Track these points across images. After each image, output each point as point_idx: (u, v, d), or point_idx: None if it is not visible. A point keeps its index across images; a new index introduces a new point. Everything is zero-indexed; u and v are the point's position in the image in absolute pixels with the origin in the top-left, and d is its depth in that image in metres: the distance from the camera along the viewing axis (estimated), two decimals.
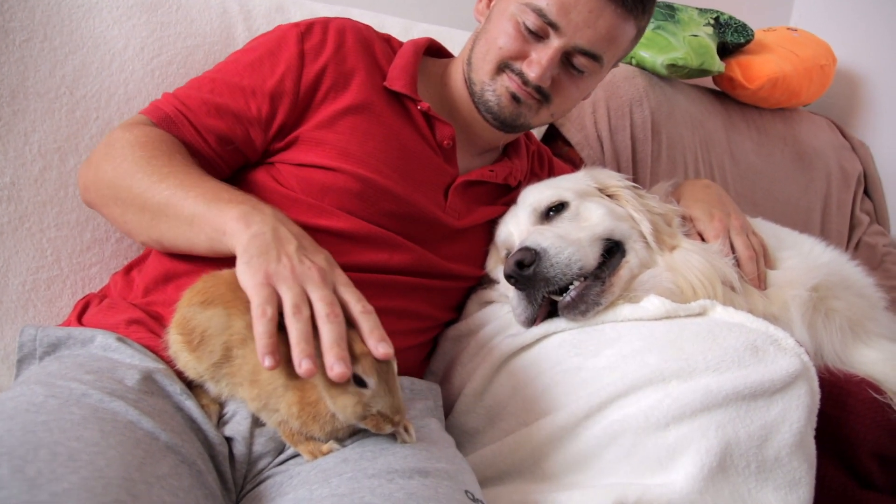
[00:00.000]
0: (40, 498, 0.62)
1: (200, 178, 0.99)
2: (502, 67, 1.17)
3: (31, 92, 1.20)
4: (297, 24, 1.18)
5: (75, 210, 1.22)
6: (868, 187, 2.46)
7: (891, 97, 2.54)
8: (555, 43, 1.13)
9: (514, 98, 1.18)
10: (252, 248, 0.85)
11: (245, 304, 0.81)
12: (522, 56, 1.15)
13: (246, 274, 0.82)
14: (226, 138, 1.10)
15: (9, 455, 0.65)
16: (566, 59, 1.16)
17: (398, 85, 1.18)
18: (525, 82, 1.16)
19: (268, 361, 0.74)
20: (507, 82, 1.17)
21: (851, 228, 2.35)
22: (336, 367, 0.74)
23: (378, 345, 0.79)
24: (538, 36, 1.13)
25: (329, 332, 0.77)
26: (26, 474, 0.64)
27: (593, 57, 1.16)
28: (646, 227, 1.16)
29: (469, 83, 1.22)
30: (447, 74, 1.28)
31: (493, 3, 1.22)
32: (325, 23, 1.20)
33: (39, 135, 1.20)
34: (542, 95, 1.18)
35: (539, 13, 1.11)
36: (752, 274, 1.19)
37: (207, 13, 1.38)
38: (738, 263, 1.20)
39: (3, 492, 0.61)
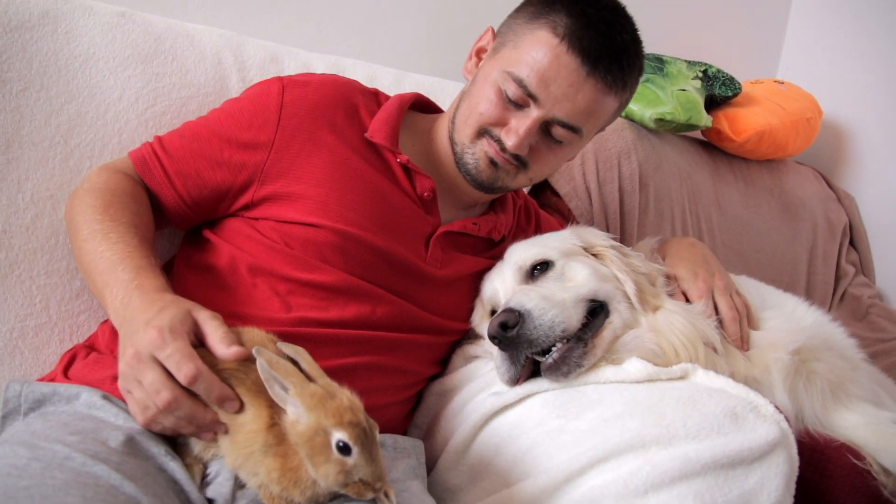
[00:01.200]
0: None
1: (112, 243, 1.02)
2: (482, 132, 1.19)
3: (27, 141, 1.21)
4: (280, 79, 1.21)
5: (65, 258, 1.23)
6: (854, 238, 2.50)
7: (876, 148, 2.58)
8: (534, 113, 1.15)
9: (492, 163, 1.20)
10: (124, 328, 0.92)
11: (226, 369, 0.82)
12: (502, 123, 1.18)
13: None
14: (197, 183, 1.14)
15: None
16: (545, 128, 1.18)
17: (378, 137, 1.20)
18: (503, 149, 1.18)
19: None
20: (486, 147, 1.20)
21: (837, 279, 2.38)
22: None
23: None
24: (518, 105, 1.16)
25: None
26: None
27: (572, 129, 1.18)
28: (630, 288, 1.18)
29: (452, 143, 1.24)
30: (434, 130, 1.31)
31: (480, 64, 1.25)
32: (308, 78, 1.23)
33: (33, 183, 1.21)
34: (519, 162, 1.20)
35: (520, 83, 1.14)
36: (734, 335, 1.21)
37: (202, 64, 1.40)
38: (721, 324, 1.21)
39: None
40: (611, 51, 1.13)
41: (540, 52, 1.12)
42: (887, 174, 2.53)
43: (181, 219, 1.18)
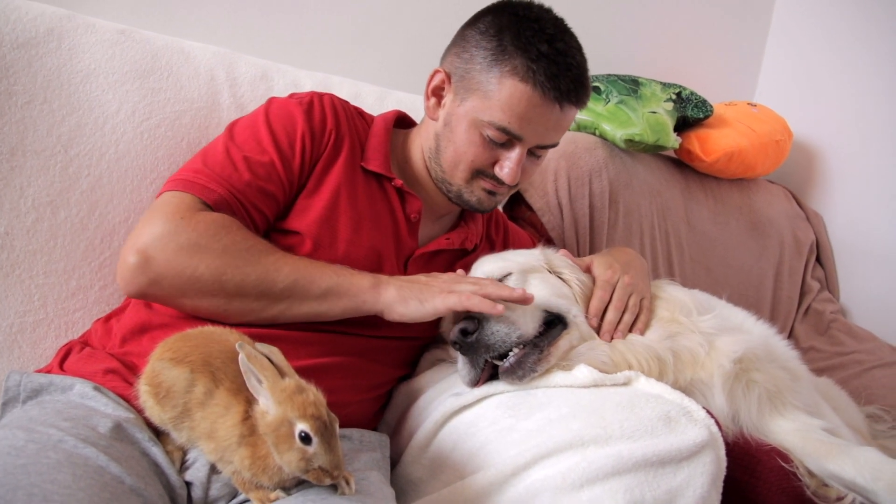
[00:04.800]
0: None
1: (299, 259, 1.14)
2: (476, 174, 1.30)
3: (29, 150, 1.30)
4: (299, 102, 1.28)
5: (63, 259, 1.31)
6: (820, 255, 2.60)
7: (845, 170, 2.68)
8: (519, 148, 1.26)
9: (491, 194, 1.33)
10: (402, 294, 1.14)
11: (210, 370, 0.92)
12: (493, 162, 1.28)
13: (413, 309, 1.13)
14: (266, 218, 1.20)
15: None
16: (529, 151, 1.29)
17: (374, 165, 1.30)
18: (500, 182, 1.29)
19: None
20: (483, 185, 1.31)
21: (802, 295, 2.48)
22: None
23: None
24: (503, 144, 1.26)
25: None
26: None
27: (552, 145, 1.32)
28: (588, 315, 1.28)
29: (438, 180, 1.34)
30: (406, 146, 1.40)
31: (445, 105, 1.31)
32: (320, 98, 1.31)
33: (34, 189, 1.30)
34: (513, 186, 1.32)
35: (503, 131, 1.24)
36: (609, 323, 1.30)
37: (196, 80, 1.49)
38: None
39: None
40: (571, 76, 1.23)
41: (513, 99, 1.21)
42: (855, 194, 2.63)
43: None
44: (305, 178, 1.24)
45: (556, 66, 1.21)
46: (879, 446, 1.47)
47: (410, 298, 1.14)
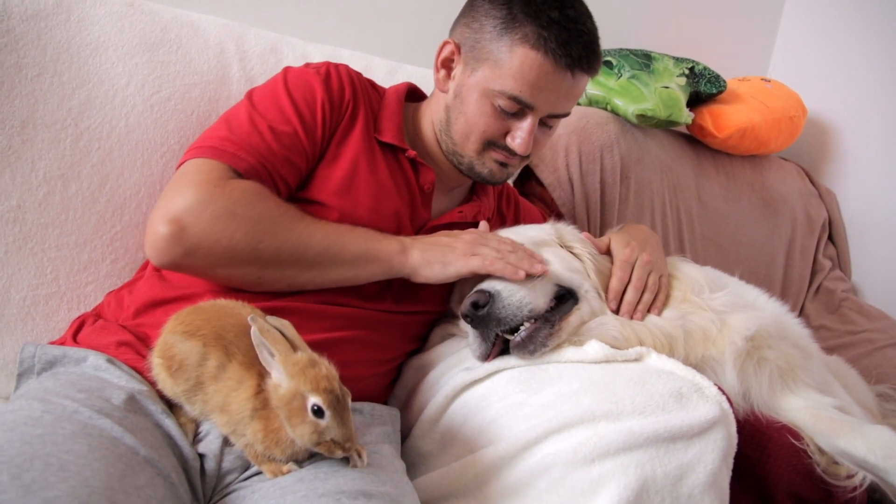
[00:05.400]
0: (34, 502, 0.72)
1: (328, 224, 1.15)
2: (487, 145, 1.29)
3: (40, 123, 1.30)
4: (316, 71, 1.27)
5: (74, 233, 1.32)
6: (832, 233, 2.58)
7: (859, 147, 2.65)
8: (531, 118, 1.25)
9: (503, 165, 1.31)
10: (426, 257, 1.18)
11: (222, 343, 0.92)
12: (504, 132, 1.27)
13: (437, 272, 1.18)
14: (289, 187, 1.20)
15: (8, 464, 0.75)
16: (540, 121, 1.28)
17: (388, 136, 1.29)
18: (512, 153, 1.28)
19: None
20: (495, 156, 1.30)
21: (813, 273, 2.47)
22: None
23: None
24: (514, 114, 1.25)
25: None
26: (23, 481, 0.74)
27: (564, 115, 1.30)
28: (598, 287, 1.27)
29: (449, 153, 1.33)
30: (417, 119, 1.40)
31: (455, 77, 1.30)
32: (336, 68, 1.30)
33: (45, 162, 1.30)
34: (525, 157, 1.31)
35: (515, 99, 1.22)
36: (628, 303, 1.29)
37: (205, 53, 1.48)
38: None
39: (2, 496, 0.72)
40: (582, 42, 1.22)
41: (524, 67, 1.20)
42: (869, 172, 2.61)
43: None
44: (325, 147, 1.24)
45: (567, 32, 1.20)
46: (890, 425, 1.47)
47: (434, 262, 1.19)
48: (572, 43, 1.20)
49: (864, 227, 2.59)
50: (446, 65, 1.31)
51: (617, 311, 1.29)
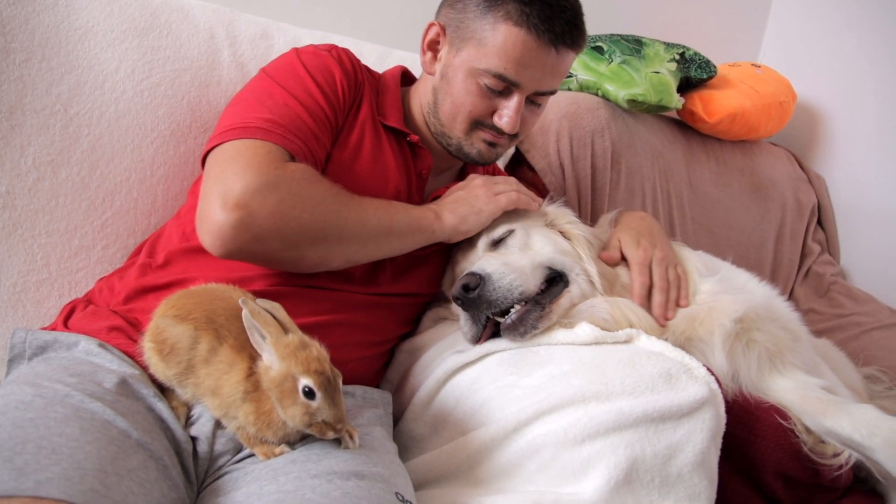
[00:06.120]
0: (26, 485, 0.73)
1: (373, 200, 1.17)
2: (475, 125, 1.29)
3: (28, 108, 1.29)
4: (328, 52, 1.28)
5: (65, 219, 1.32)
6: (821, 218, 2.59)
7: (848, 133, 2.66)
8: (517, 95, 1.25)
9: (491, 145, 1.32)
10: (459, 214, 1.24)
11: (213, 327, 0.92)
12: (491, 111, 1.28)
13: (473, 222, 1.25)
14: (322, 167, 1.20)
15: (0, 447, 0.76)
16: (527, 100, 1.28)
17: (392, 121, 1.31)
18: (500, 132, 1.29)
19: None
20: (483, 135, 1.30)
21: (803, 257, 2.48)
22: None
23: None
24: (501, 92, 1.25)
25: None
26: (15, 464, 0.74)
27: (551, 93, 1.31)
28: (592, 269, 1.28)
29: (437, 134, 1.34)
30: (407, 101, 1.40)
31: (441, 59, 1.30)
32: (345, 51, 1.32)
33: (34, 148, 1.29)
34: (513, 136, 1.31)
35: (500, 77, 1.23)
36: (659, 305, 1.30)
37: (195, 38, 1.48)
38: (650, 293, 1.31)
39: None
40: (565, 18, 1.22)
41: (508, 44, 1.20)
42: (858, 157, 2.62)
43: None
44: (343, 125, 1.25)
45: (549, 8, 1.20)
46: (877, 406, 1.49)
47: (468, 214, 1.25)
48: (555, 18, 1.20)
49: (852, 212, 2.60)
50: (432, 47, 1.32)
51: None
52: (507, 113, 1.26)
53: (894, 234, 2.48)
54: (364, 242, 1.15)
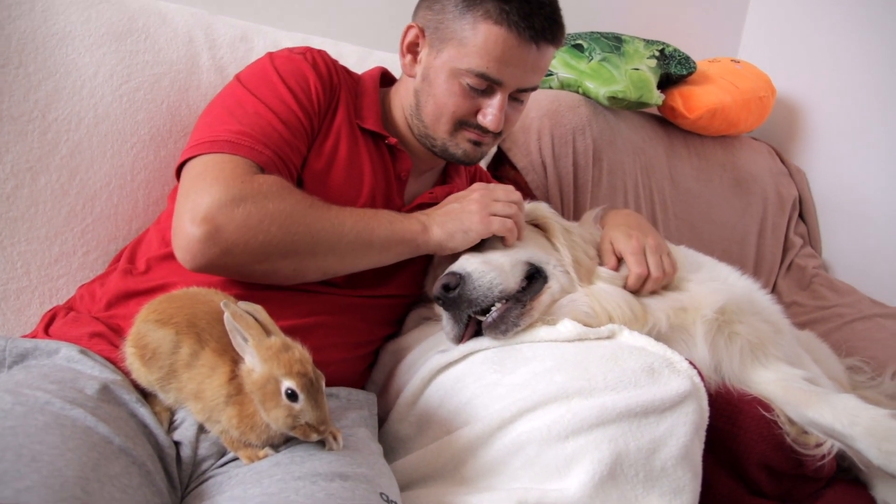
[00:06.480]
0: (5, 493, 0.72)
1: (353, 210, 1.15)
2: (459, 125, 1.29)
3: (6, 115, 1.28)
4: (302, 56, 1.27)
5: (45, 225, 1.31)
6: (803, 211, 2.62)
7: (828, 126, 2.69)
8: (500, 94, 1.26)
9: (476, 144, 1.32)
10: (447, 230, 1.20)
11: (195, 331, 0.92)
12: (474, 111, 1.28)
13: (460, 240, 1.22)
14: (297, 174, 1.20)
15: None
16: (510, 97, 1.29)
17: (369, 123, 1.30)
18: (484, 131, 1.29)
19: None
20: (468, 135, 1.30)
21: (785, 250, 2.50)
22: None
23: None
24: (483, 91, 1.26)
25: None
26: None
27: (532, 89, 1.31)
28: (567, 259, 1.28)
29: (421, 136, 1.33)
30: (387, 102, 1.40)
31: (421, 61, 1.30)
32: (319, 54, 1.30)
33: (13, 155, 1.28)
34: (497, 134, 1.31)
35: (482, 76, 1.23)
36: (649, 291, 1.32)
37: (174, 42, 1.47)
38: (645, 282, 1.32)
39: None
40: (544, 14, 1.23)
41: (489, 43, 1.21)
42: (838, 150, 2.64)
43: None
44: (318, 131, 1.25)
45: (528, 4, 1.21)
46: (860, 396, 1.50)
47: (456, 232, 1.21)
48: (534, 14, 1.21)
49: (833, 205, 2.63)
50: (412, 49, 1.32)
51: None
52: (490, 112, 1.26)
53: (875, 225, 2.51)
54: (341, 255, 1.14)
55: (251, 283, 1.14)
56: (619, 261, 1.36)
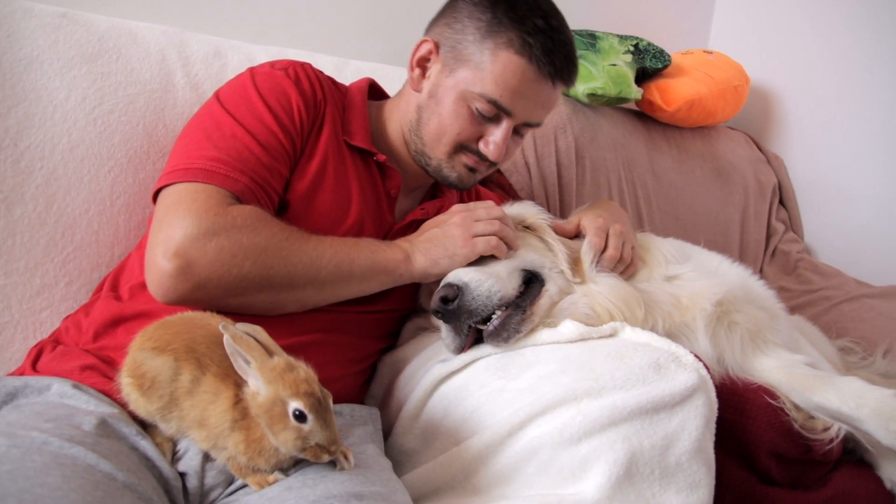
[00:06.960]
0: None
1: (334, 240, 1.13)
2: (459, 148, 1.27)
3: None
4: (284, 73, 1.22)
5: (23, 257, 1.26)
6: (783, 197, 2.64)
7: (803, 112, 2.71)
8: (506, 124, 1.24)
9: (472, 170, 1.30)
10: (431, 257, 1.18)
11: (194, 356, 0.89)
12: (477, 137, 1.26)
13: (445, 266, 1.18)
14: (279, 198, 1.16)
15: None
16: (514, 130, 1.27)
17: (357, 140, 1.27)
18: (482, 159, 1.27)
19: None
20: (465, 160, 1.28)
21: (768, 237, 2.52)
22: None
23: None
24: (490, 118, 1.24)
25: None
26: None
27: (536, 124, 1.30)
28: (562, 256, 1.27)
29: (417, 153, 1.31)
30: (381, 118, 1.37)
31: (430, 77, 1.27)
32: (303, 68, 1.26)
33: None
34: (493, 163, 1.30)
35: (494, 104, 1.21)
36: (611, 260, 1.31)
37: (147, 61, 1.44)
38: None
39: None
40: (565, 53, 1.23)
41: (507, 72, 1.19)
42: (813, 136, 2.66)
43: None
44: (302, 151, 1.21)
45: (551, 41, 1.20)
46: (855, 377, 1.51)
47: (440, 258, 1.19)
48: (556, 52, 1.20)
49: (812, 189, 2.65)
50: (422, 64, 1.29)
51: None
52: (493, 140, 1.25)
53: (854, 207, 2.53)
54: (319, 287, 1.11)
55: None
56: (578, 235, 1.36)
